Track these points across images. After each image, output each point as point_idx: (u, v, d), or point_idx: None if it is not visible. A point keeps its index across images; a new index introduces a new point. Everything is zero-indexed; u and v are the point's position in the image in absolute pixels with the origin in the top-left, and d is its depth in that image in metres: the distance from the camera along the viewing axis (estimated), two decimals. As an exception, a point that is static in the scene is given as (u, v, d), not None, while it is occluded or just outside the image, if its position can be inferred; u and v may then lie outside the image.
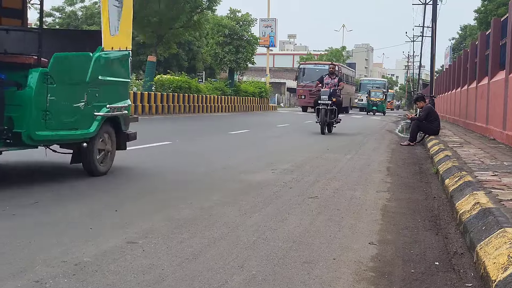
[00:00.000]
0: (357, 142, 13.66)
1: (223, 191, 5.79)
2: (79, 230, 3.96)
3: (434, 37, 23.22)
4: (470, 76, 18.41)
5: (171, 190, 5.79)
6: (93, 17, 46.13)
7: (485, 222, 3.95)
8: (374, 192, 6.21)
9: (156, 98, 21.84)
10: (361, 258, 3.66)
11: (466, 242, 4.03)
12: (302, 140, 13.57)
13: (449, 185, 6.07)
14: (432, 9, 23.76)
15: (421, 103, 13.94)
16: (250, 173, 7.23)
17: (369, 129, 20.18)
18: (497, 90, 12.59)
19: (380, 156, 10.20)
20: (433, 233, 4.44)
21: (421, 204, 5.67)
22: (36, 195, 5.06)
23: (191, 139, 11.49)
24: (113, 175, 6.56)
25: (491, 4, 43.50)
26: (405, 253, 3.84)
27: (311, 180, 6.86)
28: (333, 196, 5.85)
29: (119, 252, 3.51)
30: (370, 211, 5.19)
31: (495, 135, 12.31)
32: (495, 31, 13.85)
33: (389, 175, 7.70)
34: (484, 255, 3.34)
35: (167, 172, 7.10)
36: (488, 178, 6.07)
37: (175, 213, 4.66)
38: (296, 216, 4.78)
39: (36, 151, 6.46)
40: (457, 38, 64.27)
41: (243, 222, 4.46)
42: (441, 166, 7.70)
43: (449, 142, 11.23)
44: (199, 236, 3.96)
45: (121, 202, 5.04)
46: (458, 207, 4.88)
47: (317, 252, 3.74)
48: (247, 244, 3.84)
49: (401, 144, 12.95)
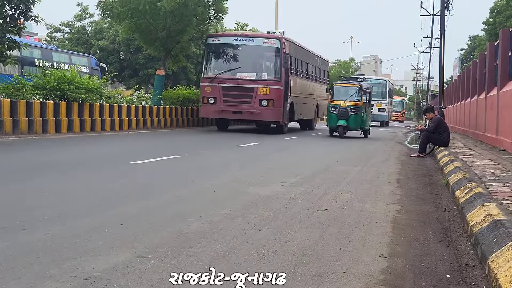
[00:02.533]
0: (367, 154, 13.63)
1: (232, 204, 5.78)
2: (89, 244, 3.96)
3: (443, 48, 23.16)
4: (479, 86, 18.35)
5: (180, 204, 5.79)
6: (102, 31, 46.40)
7: (497, 234, 3.92)
8: (384, 204, 6.18)
9: (165, 112, 21.93)
10: (371, 271, 3.64)
11: (478, 254, 3.99)
12: (311, 152, 13.54)
13: (459, 197, 6.03)
14: (440, 20, 23.68)
15: (430, 114, 13.92)
16: (259, 186, 7.21)
17: (378, 140, 20.12)
18: (507, 101, 12.54)
19: (389, 168, 10.17)
20: (444, 245, 4.41)
21: (431, 216, 5.64)
22: (46, 211, 5.07)
23: (199, 153, 11.50)
24: (122, 188, 6.57)
25: (500, 16, 43.38)
26: (416, 266, 3.81)
27: (320, 192, 6.84)
28: (342, 208, 5.83)
29: (128, 266, 3.51)
30: (380, 223, 5.17)
31: (505, 146, 12.24)
32: (503, 41, 13.82)
33: (399, 187, 7.66)
34: (496, 268, 3.31)
35: (175, 185, 7.10)
36: (499, 189, 6.03)
37: (185, 226, 4.66)
38: (306, 229, 4.76)
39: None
40: (466, 48, 64.13)
41: (252, 236, 4.44)
42: (451, 178, 7.66)
43: (459, 153, 11.18)
44: (209, 250, 3.95)
45: (130, 215, 5.04)
46: (469, 218, 4.84)
47: (327, 265, 3.72)
48: (257, 257, 3.82)
49: (411, 156, 12.91)
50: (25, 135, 13.74)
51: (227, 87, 19.93)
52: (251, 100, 19.64)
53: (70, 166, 8.47)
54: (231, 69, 20.32)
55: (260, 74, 20.15)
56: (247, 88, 19.76)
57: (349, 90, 20.53)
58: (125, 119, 18.93)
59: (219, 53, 20.97)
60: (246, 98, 19.69)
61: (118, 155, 10.74)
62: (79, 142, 13.19)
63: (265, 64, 20.70)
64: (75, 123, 16.11)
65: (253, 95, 19.64)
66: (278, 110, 19.96)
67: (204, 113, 21.16)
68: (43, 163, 8.85)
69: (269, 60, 20.60)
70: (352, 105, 19.88)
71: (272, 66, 20.40)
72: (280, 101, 19.93)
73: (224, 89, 19.96)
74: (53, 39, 48.10)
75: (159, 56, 29.75)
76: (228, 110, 20.08)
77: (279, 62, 20.00)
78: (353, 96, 20.25)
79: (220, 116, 20.85)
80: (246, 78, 19.82)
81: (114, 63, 44.98)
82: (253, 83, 19.74)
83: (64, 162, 9.08)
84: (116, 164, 9.01)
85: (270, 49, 20.31)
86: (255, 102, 19.66)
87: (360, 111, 19.99)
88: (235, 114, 20.27)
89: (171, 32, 24.24)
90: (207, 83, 20.35)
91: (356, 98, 20.18)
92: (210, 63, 21.01)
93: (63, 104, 15.73)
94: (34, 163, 8.85)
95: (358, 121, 20.00)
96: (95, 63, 29.49)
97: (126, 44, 44.05)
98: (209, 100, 20.27)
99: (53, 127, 15.06)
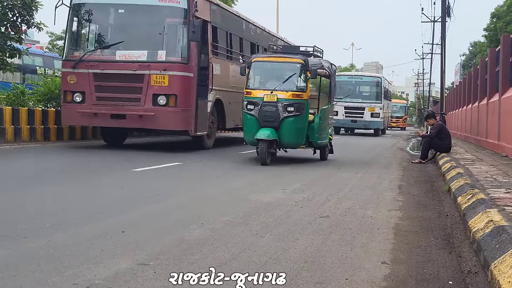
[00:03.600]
0: (368, 160, 13.62)
1: (234, 212, 5.77)
2: (90, 252, 3.95)
3: (444, 54, 23.17)
4: (480, 92, 18.35)
5: (182, 211, 5.79)
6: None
7: (499, 240, 3.91)
8: (386, 211, 6.17)
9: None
10: (373, 278, 3.63)
11: (480, 260, 3.98)
12: (313, 159, 13.53)
13: (461, 203, 6.02)
14: (441, 27, 23.72)
15: (432, 121, 13.91)
16: (261, 192, 7.21)
17: (379, 147, 20.10)
18: (509, 107, 12.54)
19: (391, 174, 10.16)
20: (446, 252, 4.40)
21: (433, 222, 5.63)
22: (47, 219, 5.07)
23: (201, 160, 11.50)
24: (123, 197, 6.57)
25: (500, 22, 43.44)
26: (418, 273, 3.80)
27: (322, 199, 6.84)
28: (344, 215, 5.82)
29: (130, 274, 3.50)
30: (382, 230, 5.16)
31: (507, 152, 12.22)
32: (504, 47, 13.82)
33: (401, 194, 7.65)
34: (499, 274, 3.30)
35: (177, 192, 7.10)
36: (501, 195, 6.02)
37: (186, 234, 4.65)
38: (308, 236, 4.75)
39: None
40: (468, 54, 64.20)
41: (254, 243, 4.44)
42: (453, 184, 7.65)
43: (460, 159, 11.16)
44: (210, 257, 3.94)
45: (132, 223, 5.04)
46: (471, 225, 4.83)
47: (329, 272, 3.71)
48: (259, 264, 3.82)
49: (412, 162, 12.89)
50: (26, 142, 13.74)
51: (101, 75, 12.48)
52: (140, 95, 12.31)
53: (71, 174, 8.47)
54: (107, 46, 13.04)
55: (154, 52, 12.49)
56: (132, 77, 12.35)
57: (282, 70, 11.45)
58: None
59: (90, 20, 13.36)
60: (131, 92, 12.39)
61: (118, 162, 10.73)
62: (80, 150, 13.18)
63: (164, 36, 12.75)
64: (77, 130, 16.09)
65: (142, 88, 12.24)
66: (186, 113, 12.39)
67: (67, 119, 13.24)
68: (45, 170, 8.85)
69: (170, 31, 12.83)
70: (288, 99, 10.80)
71: (175, 39, 12.77)
72: (189, 97, 12.47)
73: (96, 79, 12.49)
74: (54, 47, 48.25)
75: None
76: (104, 112, 12.48)
77: (186, 32, 12.43)
78: (291, 81, 11.18)
79: (92, 123, 13.50)
80: (131, 60, 12.43)
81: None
82: (142, 67, 12.24)
83: (65, 169, 9.08)
84: (116, 171, 9.01)
85: (172, 11, 12.74)
86: (147, 99, 12.25)
87: (303, 110, 10.94)
88: (115, 119, 12.53)
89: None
90: (70, 68, 12.71)
91: (296, 86, 11.14)
92: (76, 35, 13.52)
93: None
94: (37, 170, 8.86)
95: (299, 129, 11.00)
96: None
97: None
98: (75, 97, 12.63)
99: (55, 134, 15.04)
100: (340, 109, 28.87)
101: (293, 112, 10.73)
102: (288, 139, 10.94)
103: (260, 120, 10.69)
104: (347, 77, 32.39)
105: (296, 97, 10.87)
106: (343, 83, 30.18)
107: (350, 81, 31.64)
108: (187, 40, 12.44)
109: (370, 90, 31.34)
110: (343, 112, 29.54)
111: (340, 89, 29.62)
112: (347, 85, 30.78)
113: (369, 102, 30.41)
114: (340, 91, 29.58)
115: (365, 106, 30.09)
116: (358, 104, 30.14)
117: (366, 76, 34.39)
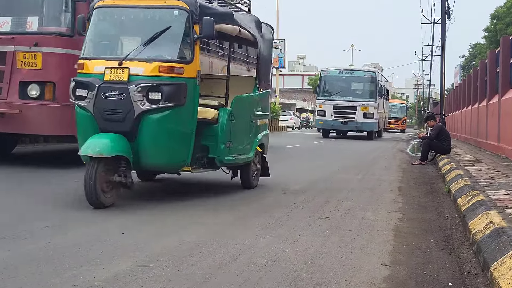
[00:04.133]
0: (368, 162, 13.62)
1: (234, 213, 5.77)
2: (90, 254, 3.95)
3: (443, 56, 23.19)
4: (480, 94, 18.37)
5: (181, 212, 5.78)
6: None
7: (499, 241, 3.91)
8: (385, 212, 6.17)
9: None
10: (373, 280, 3.62)
11: (480, 262, 3.98)
12: (313, 161, 13.53)
13: (461, 204, 6.02)
14: (440, 28, 23.73)
15: (431, 122, 13.91)
16: (261, 194, 7.21)
17: (379, 149, 20.11)
18: (508, 108, 12.54)
19: (391, 176, 10.16)
20: (446, 253, 4.40)
21: (433, 224, 5.62)
22: (46, 220, 5.07)
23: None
24: (122, 198, 6.56)
25: (500, 23, 43.49)
26: (418, 274, 3.80)
27: (322, 200, 6.83)
28: (344, 216, 5.82)
29: (130, 275, 3.50)
30: (382, 231, 5.16)
31: (507, 153, 12.23)
32: (504, 49, 13.84)
33: (401, 195, 7.65)
34: (498, 276, 3.30)
35: (177, 194, 7.09)
36: (501, 197, 6.02)
37: (186, 235, 4.65)
38: (308, 237, 4.75)
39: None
40: (467, 56, 64.27)
41: (254, 244, 4.43)
42: (453, 185, 7.65)
43: (460, 161, 11.17)
44: (211, 259, 3.94)
45: (132, 224, 5.04)
46: (471, 226, 4.83)
47: (329, 274, 3.71)
48: (259, 266, 3.82)
49: (412, 164, 12.89)
50: (26, 145, 13.74)
51: None
52: None
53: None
54: None
55: (21, 20, 8.97)
56: None
57: (145, 23, 6.28)
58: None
59: None
60: None
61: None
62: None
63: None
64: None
65: (4, 73, 8.75)
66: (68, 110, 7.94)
67: None
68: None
69: None
70: (151, 77, 5.78)
71: None
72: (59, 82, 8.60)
73: None
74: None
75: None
76: None
77: None
78: (159, 43, 6.06)
79: None
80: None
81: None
82: (3, 41, 8.74)
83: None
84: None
85: None
86: (10, 88, 8.71)
87: (184, 98, 5.94)
88: None
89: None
90: None
91: (171, 52, 6.12)
92: None
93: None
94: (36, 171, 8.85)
95: (175, 135, 6.01)
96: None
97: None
98: None
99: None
100: (328, 109, 26.56)
101: (161, 101, 5.77)
102: (151, 156, 5.97)
103: (97, 116, 5.86)
104: (337, 71, 27.87)
105: (168, 72, 5.87)
106: (333, 78, 27.51)
107: (340, 77, 27.56)
108: None
109: (363, 87, 27.31)
110: (331, 112, 26.62)
111: (329, 86, 27.47)
112: (336, 81, 27.51)
113: (361, 101, 26.69)
114: (329, 87, 27.45)
115: (357, 105, 26.57)
116: (349, 103, 26.66)
117: (358, 70, 29.01)
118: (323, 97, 27.42)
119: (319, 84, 28.16)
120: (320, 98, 27.59)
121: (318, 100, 27.73)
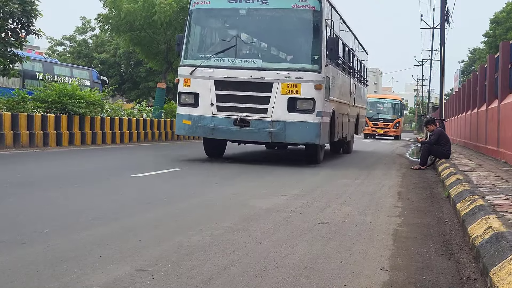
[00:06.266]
0: (367, 166, 13.61)
1: (233, 217, 5.76)
2: (89, 258, 3.94)
3: (443, 61, 23.20)
4: (480, 99, 18.38)
5: (181, 217, 5.77)
6: (104, 45, 46.65)
7: (498, 246, 3.90)
8: (385, 217, 6.16)
9: (166, 125, 21.94)
10: (372, 284, 3.62)
11: (479, 267, 3.98)
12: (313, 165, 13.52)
13: (461, 209, 6.02)
14: (440, 33, 23.74)
15: (431, 127, 13.91)
16: (260, 198, 7.20)
17: (379, 153, 20.10)
18: (508, 113, 12.55)
19: (390, 181, 10.15)
20: (445, 258, 4.40)
21: (432, 228, 5.62)
22: (45, 225, 5.06)
23: (200, 166, 11.48)
24: (121, 202, 6.56)
25: (499, 28, 43.54)
26: (418, 279, 3.79)
27: (321, 205, 6.83)
28: (343, 221, 5.81)
29: (128, 280, 3.49)
30: (381, 236, 5.15)
31: (506, 158, 12.23)
32: (503, 54, 13.85)
33: (400, 200, 7.64)
34: (498, 281, 3.30)
35: (176, 198, 7.09)
36: (500, 201, 6.02)
37: (185, 240, 4.64)
38: (307, 242, 4.75)
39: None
40: (467, 61, 64.34)
41: (253, 249, 4.43)
42: (452, 190, 7.65)
43: (460, 166, 11.16)
44: (209, 263, 3.94)
45: (131, 229, 5.03)
46: (471, 231, 4.83)
47: (328, 279, 3.70)
48: (258, 271, 3.81)
49: (412, 168, 12.89)
50: (26, 148, 13.75)
51: None
52: None
53: (70, 179, 8.46)
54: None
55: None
56: None
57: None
58: (126, 132, 18.95)
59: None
60: None
61: (117, 168, 10.73)
62: (80, 155, 13.19)
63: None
64: (76, 136, 16.12)
65: None
66: None
67: None
68: (43, 176, 8.84)
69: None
70: None
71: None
72: None
73: None
74: (54, 52, 48.35)
75: (160, 69, 29.81)
76: None
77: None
78: None
79: None
80: None
81: (115, 75, 45.20)
82: None
83: (64, 175, 9.07)
84: (115, 177, 9.01)
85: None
86: None
87: None
88: None
89: (172, 45, 24.25)
90: None
91: None
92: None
93: (64, 117, 15.76)
94: (34, 176, 8.84)
95: None
96: (96, 76, 29.60)
97: (127, 57, 44.30)
98: None
99: (54, 140, 15.06)
100: (204, 89, 11.83)
101: None
102: None
103: None
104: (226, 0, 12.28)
105: None
106: (217, 19, 12.90)
107: (235, 14, 12.22)
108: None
109: (289, 37, 12.37)
110: (212, 96, 11.81)
111: (208, 35, 13.12)
112: (225, 23, 12.98)
113: (284, 69, 11.57)
114: (207, 39, 13.10)
115: (272, 78, 11.49)
116: (252, 75, 11.57)
117: None
118: (193, 60, 12.32)
119: (187, 33, 12.50)
120: (186, 63, 12.36)
121: (182, 68, 12.50)
